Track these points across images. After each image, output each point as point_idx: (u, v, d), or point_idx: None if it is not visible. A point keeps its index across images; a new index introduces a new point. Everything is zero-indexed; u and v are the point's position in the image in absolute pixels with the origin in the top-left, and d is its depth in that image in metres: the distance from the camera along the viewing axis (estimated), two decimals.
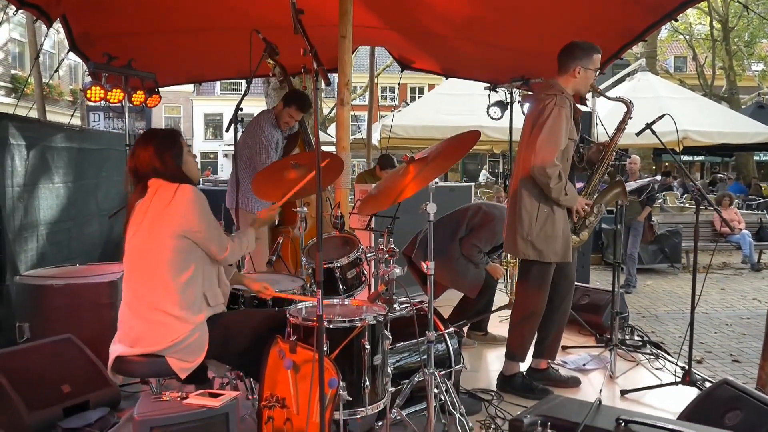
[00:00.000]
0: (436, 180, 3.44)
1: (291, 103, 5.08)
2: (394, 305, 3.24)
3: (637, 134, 3.98)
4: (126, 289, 2.76)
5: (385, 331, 2.89)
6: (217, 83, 37.43)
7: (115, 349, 2.71)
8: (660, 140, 4.04)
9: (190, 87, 35.02)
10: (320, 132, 16.30)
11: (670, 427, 2.17)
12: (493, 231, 4.55)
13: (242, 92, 4.42)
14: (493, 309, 4.97)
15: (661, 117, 3.92)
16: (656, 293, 9.19)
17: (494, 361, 4.31)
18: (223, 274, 2.99)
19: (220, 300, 2.90)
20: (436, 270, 3.12)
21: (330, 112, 21.39)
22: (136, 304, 2.70)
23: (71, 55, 5.78)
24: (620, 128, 3.86)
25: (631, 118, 3.86)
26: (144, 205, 2.75)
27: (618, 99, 3.93)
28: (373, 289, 3.44)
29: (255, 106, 6.09)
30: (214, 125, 38.04)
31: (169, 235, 2.67)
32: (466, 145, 3.04)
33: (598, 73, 3.80)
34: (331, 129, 18.16)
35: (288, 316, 2.81)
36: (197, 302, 2.74)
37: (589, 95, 4.88)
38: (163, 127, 3.06)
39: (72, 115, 9.39)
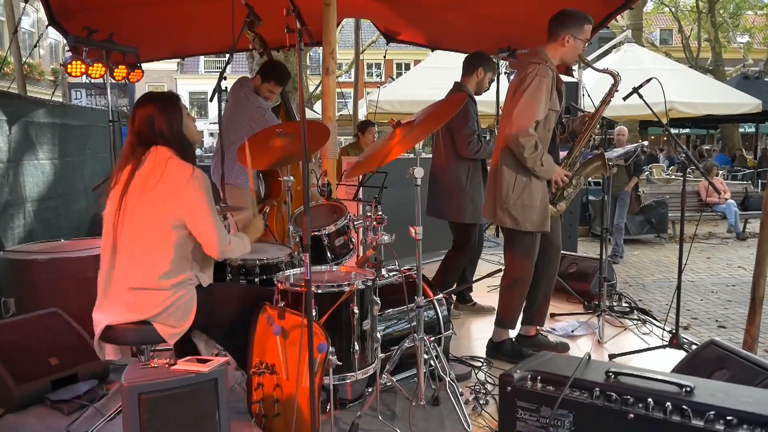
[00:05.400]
0: (424, 147, 3.42)
1: (269, 79, 4.82)
2: (383, 271, 3.24)
3: (624, 98, 3.95)
4: (119, 257, 2.67)
5: (374, 297, 2.89)
6: (201, 61, 37.08)
7: (102, 319, 2.66)
8: (647, 104, 4.02)
9: (173, 65, 34.74)
10: (306, 109, 16.17)
11: (659, 377, 2.19)
12: (465, 112, 4.27)
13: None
14: (486, 274, 4.96)
15: (648, 81, 3.88)
16: (643, 263, 9.26)
17: (482, 329, 4.32)
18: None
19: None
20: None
21: (315, 89, 21.20)
22: (124, 274, 2.64)
23: (53, 33, 5.66)
24: (605, 100, 3.80)
25: (617, 90, 3.81)
26: (151, 177, 2.63)
27: (605, 71, 3.85)
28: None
29: None
30: (198, 104, 37.60)
31: (172, 219, 2.60)
32: (453, 107, 3.02)
33: (587, 44, 3.76)
34: (317, 106, 18.04)
35: (275, 282, 2.80)
36: (187, 273, 2.70)
37: (576, 66, 4.85)
38: (161, 92, 2.98)
39: (53, 93, 9.21)
